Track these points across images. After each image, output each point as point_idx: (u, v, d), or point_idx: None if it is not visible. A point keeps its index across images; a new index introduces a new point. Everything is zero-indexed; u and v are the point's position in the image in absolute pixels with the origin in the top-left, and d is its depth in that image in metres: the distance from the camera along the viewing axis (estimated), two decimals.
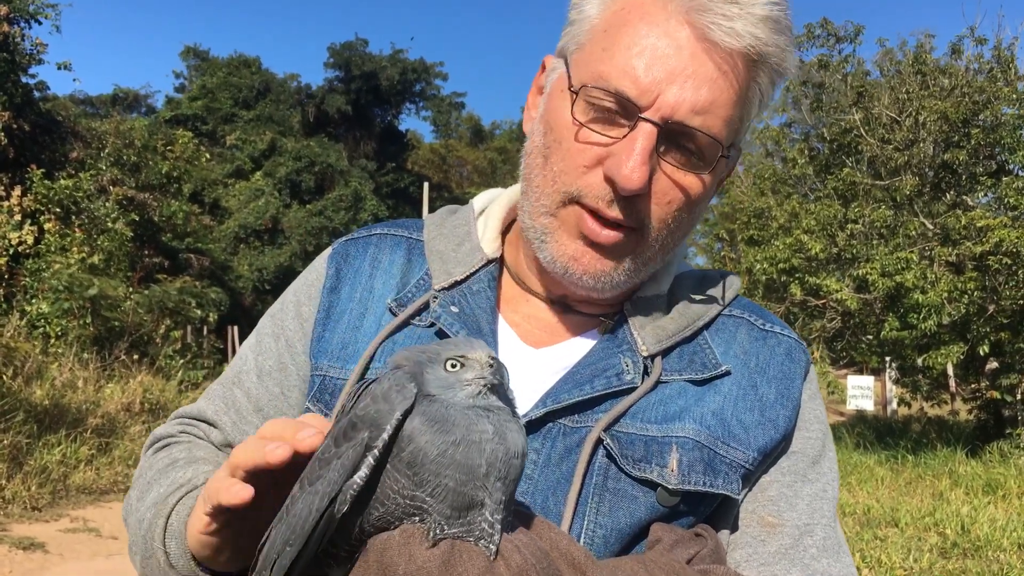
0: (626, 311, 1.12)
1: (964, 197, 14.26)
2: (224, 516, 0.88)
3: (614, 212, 1.01)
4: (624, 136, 0.98)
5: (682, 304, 1.14)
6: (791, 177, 17.64)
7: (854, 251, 13.86)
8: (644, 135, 0.97)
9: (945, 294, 12.27)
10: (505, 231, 1.22)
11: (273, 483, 0.86)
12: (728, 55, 0.97)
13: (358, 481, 0.74)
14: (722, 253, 28.28)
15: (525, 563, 0.73)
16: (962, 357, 12.93)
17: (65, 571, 6.19)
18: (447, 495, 0.72)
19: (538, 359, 1.11)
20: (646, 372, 1.06)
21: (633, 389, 1.04)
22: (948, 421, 16.43)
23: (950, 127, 13.85)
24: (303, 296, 1.21)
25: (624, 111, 0.98)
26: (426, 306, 1.12)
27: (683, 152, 1.00)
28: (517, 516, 0.82)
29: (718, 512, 1.07)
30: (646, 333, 1.09)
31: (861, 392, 17.30)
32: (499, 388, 0.78)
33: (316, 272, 1.22)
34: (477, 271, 1.15)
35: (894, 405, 19.11)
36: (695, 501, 1.03)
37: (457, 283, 1.14)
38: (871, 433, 15.36)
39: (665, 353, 1.09)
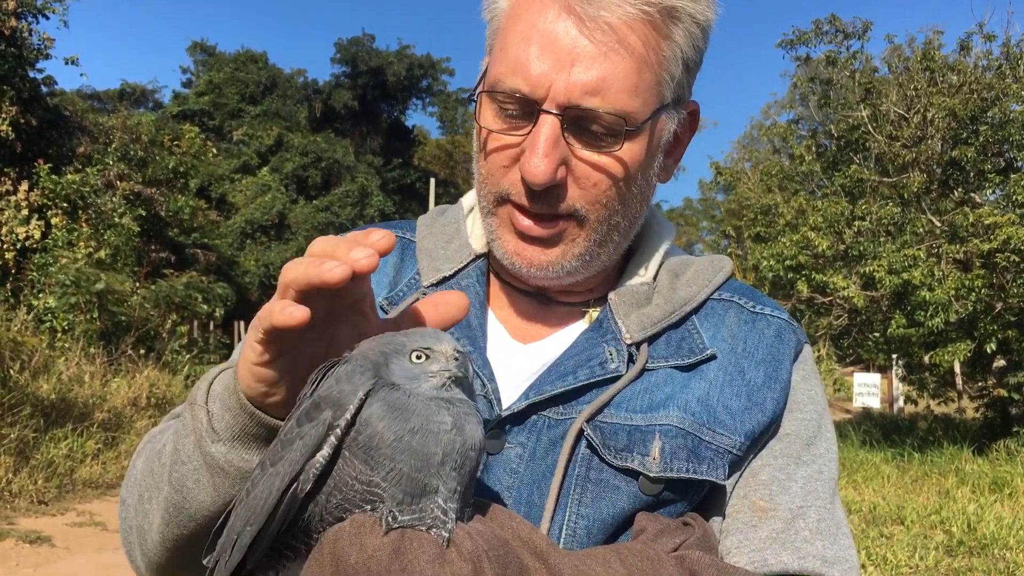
0: (610, 300, 1.11)
1: (972, 194, 14.20)
2: (277, 344, 0.81)
3: (536, 207, 1.01)
4: (530, 132, 0.98)
5: (668, 290, 1.12)
6: (798, 174, 17.58)
7: (861, 248, 13.81)
8: (546, 127, 0.97)
9: (952, 291, 12.24)
10: None
11: (326, 313, 0.82)
12: (615, 28, 0.95)
13: (320, 460, 0.73)
14: (728, 250, 28.20)
15: (477, 549, 0.72)
16: (969, 355, 12.89)
17: (71, 565, 6.22)
18: (400, 479, 0.72)
19: (527, 354, 1.10)
20: (631, 360, 1.05)
21: (618, 378, 1.03)
22: (955, 419, 16.40)
23: (958, 124, 13.80)
24: None
25: (524, 107, 0.99)
26: None
27: (590, 134, 0.99)
28: (479, 508, 0.81)
29: (711, 500, 1.06)
30: (630, 321, 1.08)
31: (867, 390, 17.26)
32: (463, 381, 0.78)
33: None
34: (465, 266, 1.15)
35: (900, 403, 19.07)
36: (680, 489, 1.01)
37: (445, 279, 1.14)
38: (877, 431, 15.33)
39: (652, 340, 1.08)
